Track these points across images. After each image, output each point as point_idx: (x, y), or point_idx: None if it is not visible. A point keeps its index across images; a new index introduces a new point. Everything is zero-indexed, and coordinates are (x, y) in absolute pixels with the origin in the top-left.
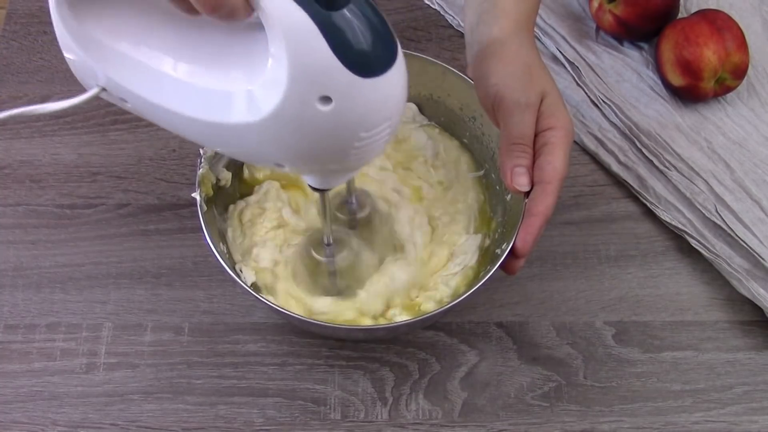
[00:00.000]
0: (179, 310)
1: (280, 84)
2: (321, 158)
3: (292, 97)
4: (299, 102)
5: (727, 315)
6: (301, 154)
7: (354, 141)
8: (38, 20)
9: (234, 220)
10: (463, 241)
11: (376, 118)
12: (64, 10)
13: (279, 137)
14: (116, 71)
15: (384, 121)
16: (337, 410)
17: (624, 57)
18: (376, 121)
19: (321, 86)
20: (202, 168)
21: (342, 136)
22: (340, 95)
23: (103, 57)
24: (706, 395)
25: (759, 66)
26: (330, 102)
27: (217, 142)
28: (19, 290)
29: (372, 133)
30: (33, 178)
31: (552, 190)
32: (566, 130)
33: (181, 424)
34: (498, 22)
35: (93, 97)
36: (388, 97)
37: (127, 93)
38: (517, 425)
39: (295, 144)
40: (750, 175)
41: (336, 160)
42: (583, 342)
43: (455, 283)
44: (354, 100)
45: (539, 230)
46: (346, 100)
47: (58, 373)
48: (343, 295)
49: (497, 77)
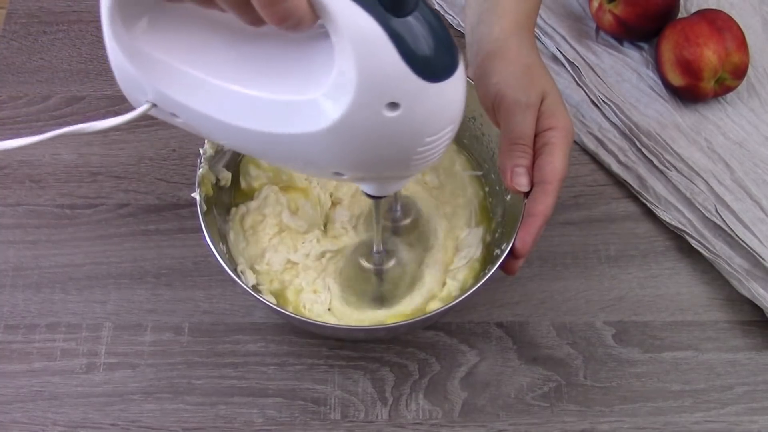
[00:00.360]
0: (179, 310)
1: (348, 91)
2: (384, 165)
3: (359, 104)
4: (366, 109)
5: (727, 315)
6: (364, 162)
7: (418, 146)
8: (38, 20)
9: (236, 224)
10: (465, 235)
11: (441, 123)
12: (118, 25)
13: (343, 145)
14: (169, 86)
15: (448, 125)
16: (337, 410)
17: (624, 57)
18: (440, 126)
19: (389, 92)
20: (201, 168)
21: (407, 142)
22: (408, 101)
23: (155, 72)
24: (706, 395)
25: (759, 66)
26: (397, 108)
27: (277, 153)
28: (19, 290)
29: (435, 138)
30: (33, 178)
31: (552, 190)
32: (566, 130)
33: (181, 424)
34: (499, 22)
35: (143, 114)
36: (452, 102)
37: (179, 107)
38: (517, 425)
39: (359, 152)
40: (750, 175)
41: (399, 166)
42: (583, 342)
43: (462, 277)
44: (421, 106)
45: (539, 230)
46: (413, 106)
47: (58, 373)
48: (386, 301)
49: (498, 77)
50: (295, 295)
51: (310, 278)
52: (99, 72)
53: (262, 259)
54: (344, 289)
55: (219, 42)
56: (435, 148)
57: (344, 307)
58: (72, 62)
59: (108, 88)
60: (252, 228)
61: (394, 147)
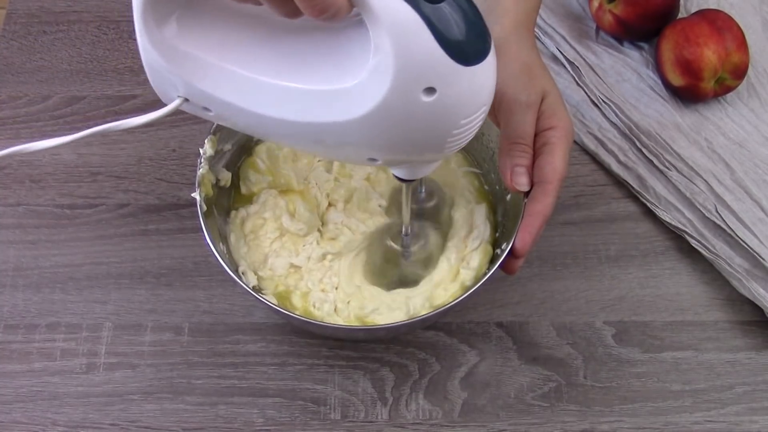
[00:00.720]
0: (179, 310)
1: (385, 78)
2: (419, 148)
3: (397, 90)
4: (404, 94)
5: (727, 315)
6: (400, 146)
7: (453, 129)
8: (38, 20)
9: (236, 227)
10: (469, 213)
11: (475, 105)
12: (150, 21)
13: (380, 131)
14: (202, 80)
15: (481, 107)
16: (337, 410)
17: (624, 57)
18: (474, 108)
19: (426, 77)
20: (201, 168)
21: (442, 125)
22: (445, 85)
23: (188, 66)
24: (706, 395)
25: (759, 66)
26: (434, 92)
27: (313, 142)
28: (19, 290)
29: (469, 120)
30: (33, 178)
31: (551, 190)
32: (566, 130)
33: (181, 424)
34: (499, 21)
35: (175, 109)
36: (485, 84)
37: (213, 101)
38: (517, 425)
39: (395, 137)
40: (750, 175)
41: (433, 149)
42: (583, 342)
43: (477, 264)
44: (457, 89)
45: (539, 230)
46: (449, 90)
47: (58, 373)
48: (407, 284)
49: (498, 76)
50: (301, 300)
51: (316, 279)
52: (99, 72)
53: (264, 265)
54: (368, 272)
55: (251, 34)
56: (468, 130)
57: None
58: (72, 62)
59: (108, 88)
60: (253, 233)
61: (430, 131)
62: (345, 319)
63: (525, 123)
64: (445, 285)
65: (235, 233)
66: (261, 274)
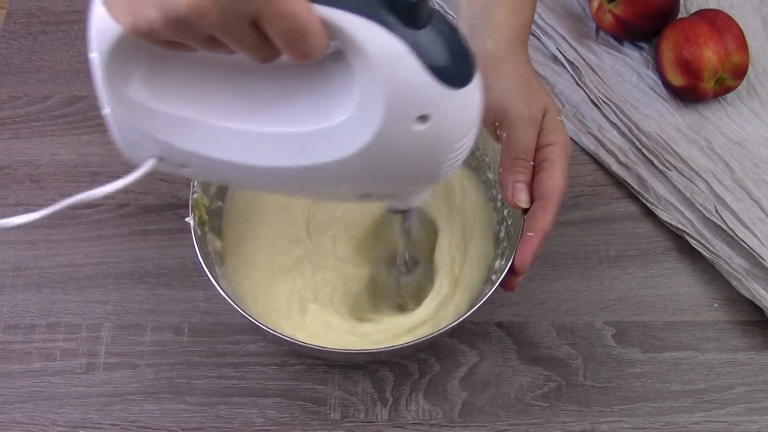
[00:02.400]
0: (179, 310)
1: (376, 111)
2: (415, 177)
3: (389, 122)
4: (397, 125)
5: (727, 315)
6: (395, 178)
7: (449, 154)
8: (38, 20)
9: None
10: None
11: (468, 126)
12: (115, 83)
13: (374, 166)
14: (177, 137)
15: (473, 127)
16: (337, 410)
17: (624, 57)
18: (467, 129)
19: (418, 105)
20: (195, 193)
21: (438, 151)
22: (437, 111)
23: (161, 124)
24: (706, 395)
25: (759, 66)
26: (427, 120)
27: (305, 186)
28: (19, 290)
29: (463, 143)
30: (33, 178)
31: (551, 206)
32: (565, 146)
33: (181, 424)
34: (492, 36)
35: (149, 171)
36: (475, 104)
37: (191, 157)
38: (517, 425)
39: (390, 169)
40: (750, 175)
41: (429, 176)
42: (583, 342)
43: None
44: (449, 114)
45: (538, 247)
46: (442, 115)
47: (58, 373)
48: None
49: (498, 91)
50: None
51: (319, 310)
52: None
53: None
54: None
55: (225, 83)
56: (463, 152)
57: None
58: (72, 62)
59: None
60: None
61: (425, 158)
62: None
63: (528, 138)
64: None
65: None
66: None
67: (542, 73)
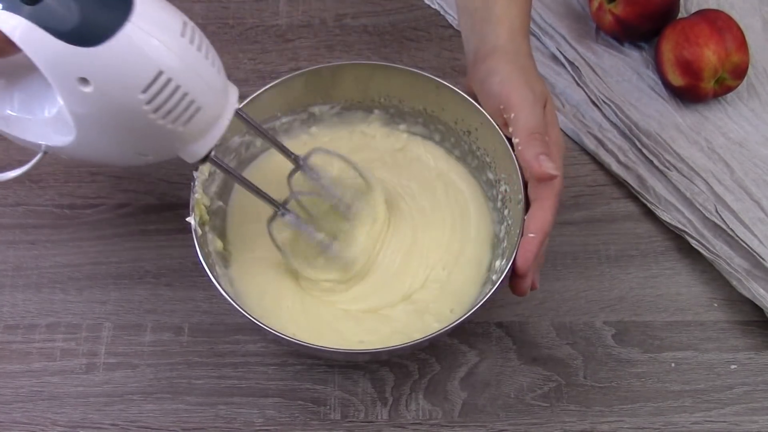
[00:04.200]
0: (179, 310)
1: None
2: (141, 136)
3: (62, 93)
4: (68, 93)
5: (727, 315)
6: (119, 141)
7: (142, 105)
8: None
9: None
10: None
11: (140, 77)
12: None
13: (91, 138)
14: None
15: (155, 77)
16: (337, 410)
17: (624, 57)
18: (142, 80)
19: (73, 71)
20: (196, 193)
21: (126, 106)
22: (90, 71)
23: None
24: (706, 395)
25: (759, 66)
26: (89, 82)
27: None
28: (19, 290)
29: (152, 91)
30: (33, 178)
31: (549, 206)
32: (560, 145)
33: (181, 424)
34: (494, 30)
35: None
36: (139, 53)
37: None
38: (517, 425)
39: (107, 138)
40: (750, 175)
41: (158, 131)
42: (583, 342)
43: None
44: (103, 70)
45: (539, 247)
46: (97, 73)
47: (58, 373)
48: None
49: (501, 75)
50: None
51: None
52: None
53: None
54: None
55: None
56: (169, 99)
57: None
58: None
59: None
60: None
61: (124, 115)
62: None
63: (536, 115)
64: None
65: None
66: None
67: (542, 72)
